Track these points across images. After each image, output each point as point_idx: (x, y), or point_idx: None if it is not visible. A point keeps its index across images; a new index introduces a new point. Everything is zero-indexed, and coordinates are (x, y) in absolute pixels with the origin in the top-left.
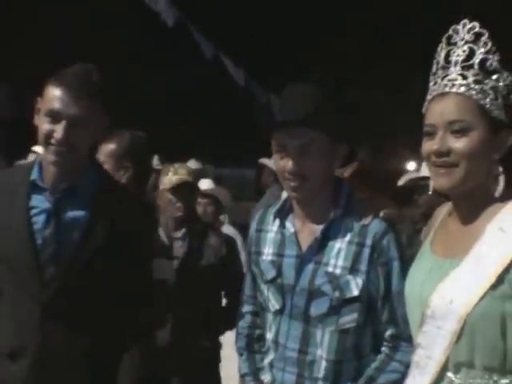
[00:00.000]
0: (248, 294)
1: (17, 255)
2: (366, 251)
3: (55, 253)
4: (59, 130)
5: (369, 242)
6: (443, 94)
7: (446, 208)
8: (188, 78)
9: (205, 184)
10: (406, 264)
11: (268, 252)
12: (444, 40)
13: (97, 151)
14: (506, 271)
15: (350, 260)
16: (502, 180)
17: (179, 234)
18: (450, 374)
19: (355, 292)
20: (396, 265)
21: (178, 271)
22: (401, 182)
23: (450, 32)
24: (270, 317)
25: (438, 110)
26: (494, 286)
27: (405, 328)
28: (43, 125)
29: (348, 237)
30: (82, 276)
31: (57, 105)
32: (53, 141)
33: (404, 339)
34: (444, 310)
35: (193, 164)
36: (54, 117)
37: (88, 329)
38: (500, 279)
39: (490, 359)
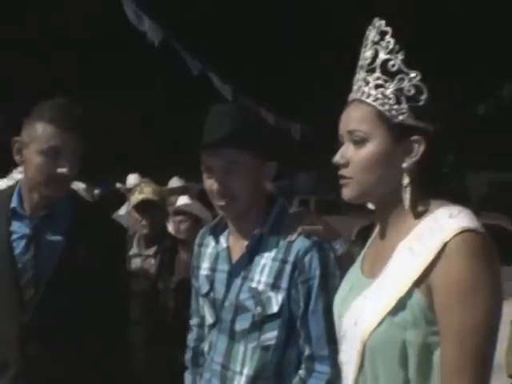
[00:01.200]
0: (194, 307)
1: None
2: (288, 268)
3: (34, 276)
4: (64, 167)
5: (291, 258)
6: (350, 102)
7: None
8: (176, 94)
9: (181, 201)
10: (332, 282)
11: (205, 266)
12: (364, 41)
13: None
14: (407, 296)
15: (272, 276)
16: (408, 191)
17: (151, 251)
18: None
19: (275, 309)
20: (316, 283)
21: (150, 287)
22: None
23: (367, 32)
24: (206, 330)
25: (343, 119)
26: (393, 311)
27: (319, 349)
28: (41, 162)
29: (273, 253)
30: (60, 298)
31: (56, 142)
32: (57, 177)
33: (319, 360)
34: (351, 331)
35: (175, 182)
36: (55, 153)
37: (67, 349)
38: (401, 304)
39: None
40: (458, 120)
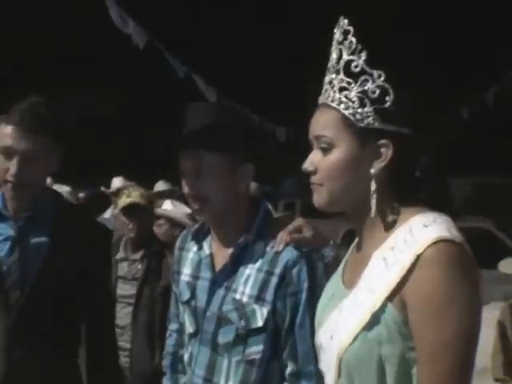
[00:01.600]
0: (173, 313)
1: None
2: (274, 280)
3: (19, 278)
4: (12, 167)
5: (278, 270)
6: (318, 106)
7: None
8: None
9: (164, 205)
10: (319, 294)
11: (186, 272)
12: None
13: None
14: (381, 311)
15: (256, 288)
16: (375, 197)
17: (138, 255)
18: None
19: (260, 323)
20: (304, 297)
21: (136, 292)
22: None
23: (334, 31)
24: (186, 338)
25: (311, 124)
26: (368, 327)
27: (306, 365)
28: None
29: (258, 263)
30: (45, 300)
31: (8, 142)
32: (8, 177)
33: (305, 377)
34: (327, 345)
35: (161, 185)
36: (8, 154)
37: (53, 351)
38: (375, 319)
39: None
40: (439, 122)
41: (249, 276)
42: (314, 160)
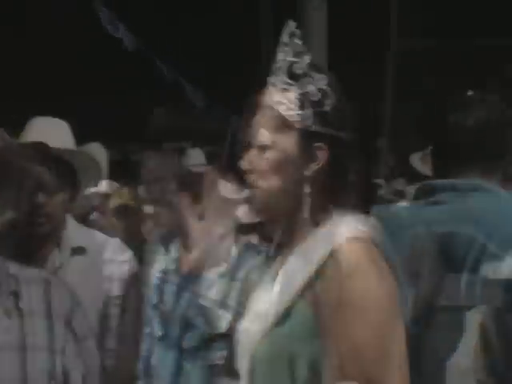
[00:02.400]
0: (147, 316)
1: None
2: (237, 285)
3: None
4: None
5: (240, 275)
6: (262, 106)
7: None
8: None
9: None
10: None
11: (155, 275)
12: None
13: None
14: (292, 307)
15: (220, 293)
16: (308, 199)
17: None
18: None
19: (223, 328)
20: None
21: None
22: None
23: (282, 34)
24: (154, 342)
25: (253, 123)
26: (280, 322)
27: None
28: None
29: (222, 268)
30: None
31: None
32: None
33: None
34: (241, 340)
35: None
36: None
37: None
38: (286, 315)
39: None
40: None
41: (212, 281)
42: (251, 158)
